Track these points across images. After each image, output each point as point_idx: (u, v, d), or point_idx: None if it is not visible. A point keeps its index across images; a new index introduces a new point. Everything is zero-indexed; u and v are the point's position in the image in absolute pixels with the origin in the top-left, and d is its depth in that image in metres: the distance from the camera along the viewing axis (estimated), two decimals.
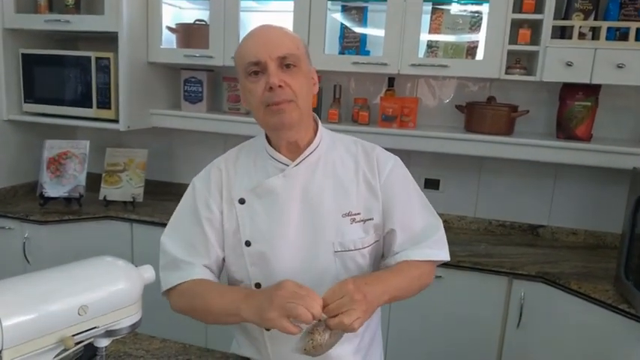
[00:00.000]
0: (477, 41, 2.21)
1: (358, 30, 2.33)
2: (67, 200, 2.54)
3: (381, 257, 1.27)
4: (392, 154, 1.26)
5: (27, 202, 2.56)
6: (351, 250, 1.17)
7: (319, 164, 1.19)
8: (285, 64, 1.08)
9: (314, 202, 1.16)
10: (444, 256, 1.22)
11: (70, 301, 0.73)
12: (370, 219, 1.18)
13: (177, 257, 1.19)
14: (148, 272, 0.82)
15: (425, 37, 2.24)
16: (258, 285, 1.17)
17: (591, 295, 1.80)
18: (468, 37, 2.22)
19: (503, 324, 2.06)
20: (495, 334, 2.07)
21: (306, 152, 1.18)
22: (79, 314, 0.73)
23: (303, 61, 1.12)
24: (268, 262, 1.15)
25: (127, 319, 0.80)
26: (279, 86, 1.07)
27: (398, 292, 1.12)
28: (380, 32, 2.25)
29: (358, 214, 1.17)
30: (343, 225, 1.16)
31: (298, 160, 1.17)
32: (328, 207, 1.16)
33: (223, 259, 1.22)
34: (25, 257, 2.38)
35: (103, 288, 0.77)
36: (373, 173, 1.20)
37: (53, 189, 2.53)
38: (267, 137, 1.21)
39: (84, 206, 2.51)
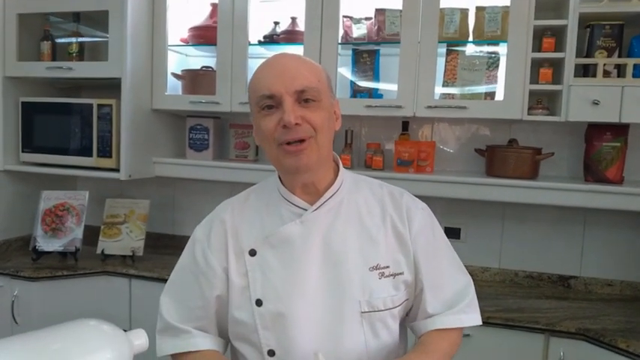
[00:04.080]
0: (495, 90, 2.12)
1: (369, 77, 2.25)
2: (63, 255, 2.38)
3: (405, 317, 1.11)
4: (421, 202, 1.13)
5: (19, 257, 2.40)
6: (381, 311, 1.00)
7: (341, 209, 1.04)
8: (304, 98, 0.95)
9: (337, 252, 1.01)
10: (477, 320, 1.08)
11: None
12: (400, 273, 1.03)
13: (172, 324, 1.04)
14: (139, 339, 0.66)
15: (440, 80, 2.15)
16: (271, 352, 0.99)
17: None
18: (484, 85, 2.12)
19: None
20: None
21: (327, 195, 1.03)
22: None
23: (324, 94, 0.99)
24: (283, 326, 0.98)
25: None
26: (297, 124, 0.94)
27: None
28: (393, 75, 2.17)
29: (387, 267, 1.02)
30: (371, 280, 1.00)
31: (318, 204, 1.03)
32: (353, 259, 1.00)
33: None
34: (14, 318, 2.19)
35: None
36: (403, 222, 1.06)
37: (47, 243, 2.37)
38: (279, 177, 1.07)
39: (80, 261, 2.34)
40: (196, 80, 2.47)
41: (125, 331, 0.71)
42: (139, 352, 0.68)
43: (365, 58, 2.27)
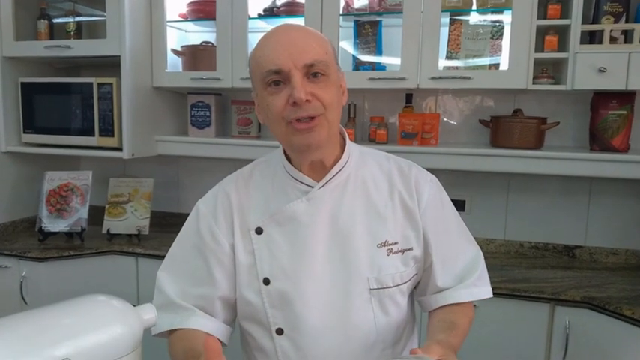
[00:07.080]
0: (499, 61, 2.08)
1: (372, 45, 2.22)
2: (69, 235, 2.39)
3: (413, 291, 1.10)
4: (429, 174, 1.10)
5: (26, 238, 2.41)
6: (390, 287, 0.99)
7: (348, 185, 1.02)
8: (312, 72, 0.91)
9: (344, 230, 0.99)
10: (488, 292, 1.08)
11: (48, 353, 0.57)
12: (409, 249, 1.02)
13: (173, 299, 1.02)
14: (148, 313, 0.66)
15: (444, 50, 2.12)
16: (279, 330, 0.99)
17: None
18: (489, 56, 2.08)
19: (547, 356, 1.85)
20: None
21: (333, 171, 1.01)
22: None
23: (332, 68, 0.95)
24: (291, 304, 0.97)
25: None
26: (307, 100, 0.90)
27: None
28: (396, 47, 2.13)
29: (396, 243, 1.01)
30: (379, 257, 0.99)
31: (324, 181, 1.00)
32: (361, 236, 0.99)
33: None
34: (23, 298, 2.21)
35: (92, 334, 0.61)
36: (412, 197, 1.03)
37: (53, 223, 2.38)
38: (285, 153, 1.05)
39: (86, 241, 2.35)
40: (196, 56, 2.44)
41: (134, 306, 0.71)
42: (148, 326, 0.68)
43: (367, 29, 2.23)
